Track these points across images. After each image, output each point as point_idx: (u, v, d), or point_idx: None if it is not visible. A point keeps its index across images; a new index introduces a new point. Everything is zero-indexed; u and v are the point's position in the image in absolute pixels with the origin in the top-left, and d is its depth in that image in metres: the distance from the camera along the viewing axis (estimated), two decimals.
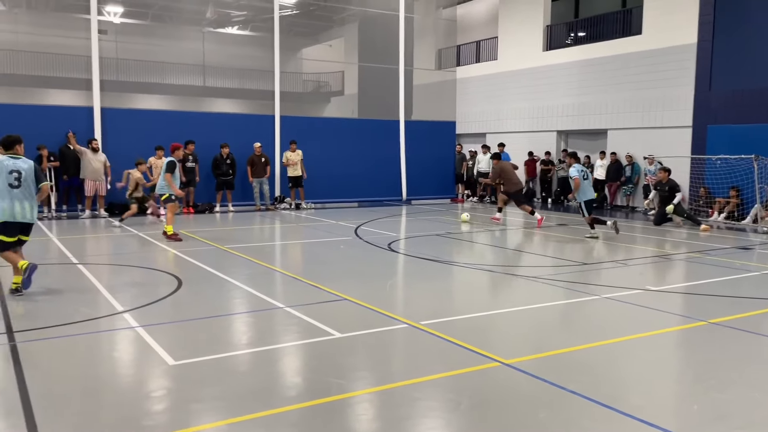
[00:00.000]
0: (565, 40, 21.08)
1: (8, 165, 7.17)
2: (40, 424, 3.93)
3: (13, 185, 7.12)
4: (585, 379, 4.77)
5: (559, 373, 4.85)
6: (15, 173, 7.15)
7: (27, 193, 7.21)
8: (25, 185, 7.19)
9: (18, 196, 7.14)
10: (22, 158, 7.35)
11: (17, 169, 7.18)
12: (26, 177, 7.20)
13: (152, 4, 27.36)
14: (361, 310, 6.72)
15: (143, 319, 6.26)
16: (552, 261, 10.07)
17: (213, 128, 17.46)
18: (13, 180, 7.13)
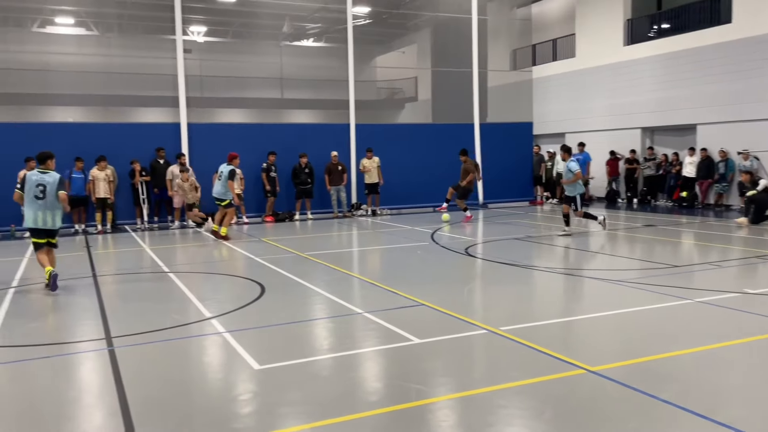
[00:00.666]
0: (648, 33, 20.22)
1: (35, 179, 8.25)
2: (137, 425, 4.15)
3: (38, 197, 8.21)
4: (678, 388, 4.53)
5: (649, 381, 4.64)
6: (41, 186, 8.20)
7: (50, 204, 8.24)
8: (50, 197, 8.22)
9: (42, 206, 8.23)
10: (50, 173, 8.35)
11: (43, 182, 8.24)
12: (50, 190, 8.22)
13: (232, 22, 28.49)
14: (439, 316, 6.69)
15: (229, 324, 6.49)
16: (640, 264, 9.66)
17: (291, 139, 17.93)
18: (39, 192, 8.20)
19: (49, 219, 8.31)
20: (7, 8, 24.72)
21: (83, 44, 28.22)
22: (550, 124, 22.94)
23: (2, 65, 24.63)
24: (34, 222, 8.28)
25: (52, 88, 27.17)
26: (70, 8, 25.53)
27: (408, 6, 25.44)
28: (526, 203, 20.65)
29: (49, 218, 8.31)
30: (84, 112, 27.66)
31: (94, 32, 28.54)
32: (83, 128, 17.90)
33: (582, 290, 8.11)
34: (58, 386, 4.96)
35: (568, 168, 12.51)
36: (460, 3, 21.11)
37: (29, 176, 8.36)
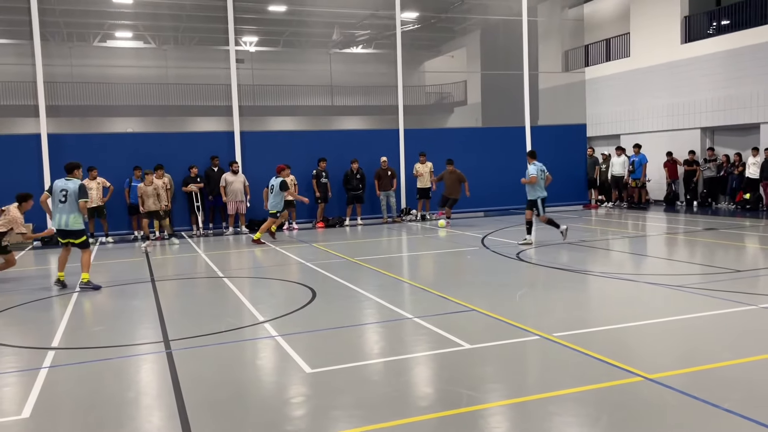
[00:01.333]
0: (707, 30, 19.53)
1: (60, 185, 9.22)
2: (194, 427, 4.26)
3: (61, 201, 9.13)
4: (741, 396, 4.34)
5: (711, 390, 4.46)
6: (63, 191, 9.12)
7: (70, 208, 9.09)
8: (70, 201, 9.09)
9: (63, 210, 9.11)
10: (73, 180, 9.25)
11: (66, 188, 9.15)
12: (70, 195, 9.08)
13: (283, 31, 29.01)
14: (490, 321, 6.61)
15: (282, 328, 6.59)
16: (700, 268, 9.32)
17: (341, 145, 18.09)
18: (62, 197, 9.12)
19: (64, 220, 9.11)
20: (70, 24, 25.89)
21: (141, 57, 29.28)
22: (604, 126, 22.41)
23: (67, 79, 25.81)
24: (57, 224, 9.22)
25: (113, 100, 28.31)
26: (129, 22, 26.54)
27: (457, 10, 25.32)
28: (580, 207, 20.21)
29: (64, 219, 9.11)
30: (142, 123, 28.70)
31: (151, 45, 29.58)
32: (142, 138, 18.59)
33: (639, 296, 7.87)
34: (118, 388, 5.14)
35: (528, 172, 12.38)
36: (510, 5, 20.89)
37: (55, 183, 9.32)
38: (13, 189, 14.80)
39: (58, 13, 22.63)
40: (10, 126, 24.97)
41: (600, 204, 20.55)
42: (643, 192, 19.68)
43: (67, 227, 9.15)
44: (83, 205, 9.17)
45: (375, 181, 17.60)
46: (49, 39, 22.73)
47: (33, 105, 16.56)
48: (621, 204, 19.84)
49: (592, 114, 22.45)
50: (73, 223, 9.14)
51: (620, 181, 19.75)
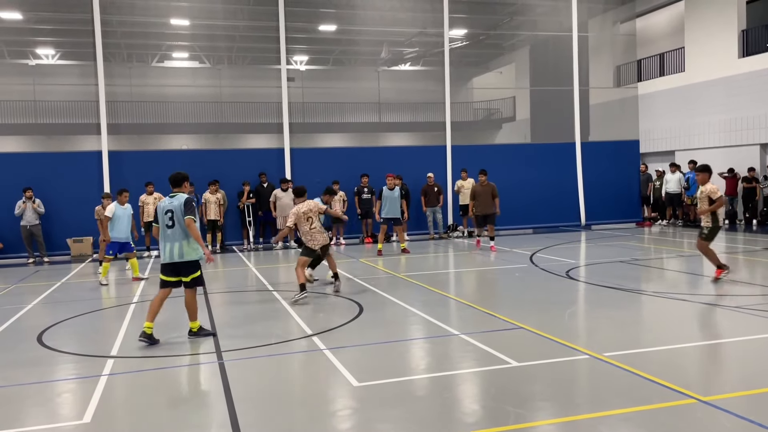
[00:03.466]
0: (766, 43, 18.91)
1: (164, 206, 6.97)
2: None
3: (168, 225, 6.90)
4: None
5: None
6: (169, 213, 6.90)
7: (178, 233, 6.86)
8: (178, 224, 6.86)
9: (172, 236, 6.89)
10: (178, 196, 6.99)
11: (171, 208, 6.90)
12: (177, 215, 6.85)
13: (332, 50, 29.56)
14: (538, 339, 6.54)
15: (330, 342, 6.68)
16: (761, 290, 8.97)
17: (389, 161, 18.22)
18: (168, 220, 6.90)
19: (177, 250, 6.88)
20: (131, 45, 27.05)
21: (197, 76, 30.31)
22: (657, 142, 21.88)
23: (126, 98, 26.93)
24: (163, 256, 7.02)
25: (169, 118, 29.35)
26: (186, 43, 27.55)
27: (505, 26, 25.32)
28: (632, 224, 19.74)
29: (176, 249, 6.88)
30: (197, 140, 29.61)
31: (206, 65, 30.59)
32: (196, 155, 19.18)
33: (694, 316, 7.64)
34: (173, 396, 5.31)
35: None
36: (561, 21, 20.76)
37: (159, 204, 7.15)
38: (75, 204, 15.63)
39: (120, 35, 23.71)
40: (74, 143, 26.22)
41: (654, 222, 20.02)
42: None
43: (181, 258, 6.86)
44: (190, 224, 6.81)
45: (421, 197, 17.64)
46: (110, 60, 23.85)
47: (95, 123, 17.36)
48: (676, 222, 19.28)
49: (645, 130, 21.97)
50: (188, 253, 6.87)
51: (675, 198, 19.22)
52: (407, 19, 22.62)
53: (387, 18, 23.07)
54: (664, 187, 19.50)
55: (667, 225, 19.26)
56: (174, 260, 6.89)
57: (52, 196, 15.51)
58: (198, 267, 7.03)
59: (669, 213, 19.59)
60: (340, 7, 22.62)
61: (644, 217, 20.40)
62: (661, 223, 19.66)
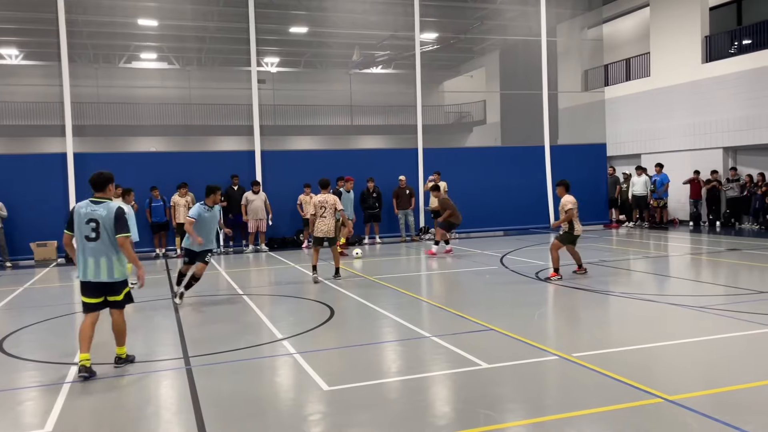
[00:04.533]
0: (728, 49, 19.42)
1: (85, 213, 5.84)
2: None
3: (89, 237, 5.82)
4: (764, 420, 4.27)
5: (732, 412, 4.40)
6: (93, 223, 5.81)
7: (104, 248, 5.82)
8: (105, 237, 5.82)
9: (92, 251, 5.81)
10: (105, 204, 5.90)
11: (95, 218, 5.81)
12: (105, 228, 5.81)
13: (304, 53, 29.47)
14: (508, 341, 6.58)
15: (300, 346, 6.63)
16: (724, 290, 9.18)
17: (360, 164, 18.21)
18: (90, 231, 5.81)
19: (104, 268, 5.86)
20: (97, 46, 26.57)
21: (165, 78, 29.90)
22: (624, 145, 22.29)
23: (93, 99, 26.42)
24: (83, 273, 5.90)
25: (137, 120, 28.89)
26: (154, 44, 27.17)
27: (476, 30, 25.54)
28: (600, 226, 20.05)
29: (104, 267, 5.85)
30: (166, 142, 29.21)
31: (175, 66, 30.20)
32: (165, 157, 18.91)
33: (660, 316, 7.78)
34: (139, 403, 5.20)
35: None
36: (530, 26, 21.01)
37: (76, 209, 5.94)
38: (39, 207, 15.25)
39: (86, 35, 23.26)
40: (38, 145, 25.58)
41: (621, 223, 20.36)
42: (664, 212, 19.50)
43: (111, 278, 5.90)
44: (124, 243, 5.84)
45: (393, 200, 17.66)
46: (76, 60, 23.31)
47: (60, 125, 16.98)
48: (642, 224, 19.65)
49: (612, 133, 22.36)
50: (119, 271, 5.94)
51: (641, 200, 19.59)
52: (378, 22, 22.66)
53: (358, 21, 23.08)
54: (630, 190, 19.86)
55: (634, 227, 19.62)
56: (100, 279, 5.85)
57: (14, 199, 15.09)
58: (126, 284, 6.11)
59: (635, 215, 19.95)
60: (311, 9, 22.56)
61: (612, 219, 20.74)
62: (628, 224, 20.01)
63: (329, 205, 10.73)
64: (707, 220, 19.20)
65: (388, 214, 17.87)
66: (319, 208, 10.74)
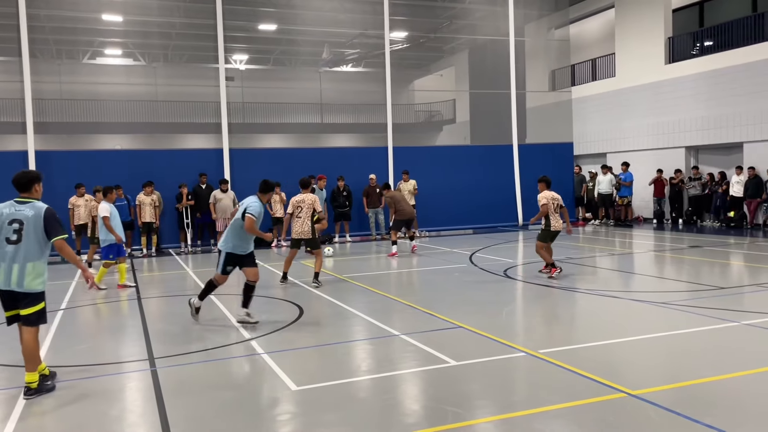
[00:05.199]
0: (691, 50, 19.89)
1: (8, 213, 5.31)
2: None
3: (11, 240, 5.24)
4: (723, 413, 4.39)
5: (694, 406, 4.51)
6: (16, 224, 5.27)
7: (24, 252, 5.23)
8: (28, 241, 5.25)
9: (9, 255, 5.22)
10: (32, 204, 5.39)
11: (21, 218, 5.28)
12: (30, 230, 5.26)
13: (273, 50, 29.24)
14: (477, 338, 6.64)
15: (268, 346, 6.58)
16: (685, 286, 9.40)
17: (330, 162, 18.16)
18: (12, 233, 5.25)
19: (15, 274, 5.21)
20: (60, 41, 25.93)
21: (131, 74, 29.36)
22: (591, 144, 22.67)
23: (55, 96, 25.78)
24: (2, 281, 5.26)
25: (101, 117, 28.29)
26: (119, 40, 26.62)
27: (445, 30, 25.67)
28: None
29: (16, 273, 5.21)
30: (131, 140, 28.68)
31: (141, 62, 29.67)
32: (131, 155, 18.55)
33: (625, 313, 7.93)
34: (103, 406, 5.10)
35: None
36: (498, 26, 21.19)
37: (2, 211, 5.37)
38: None
39: (48, 30, 22.70)
40: None
41: (587, 221, 20.70)
42: (629, 210, 19.89)
43: (20, 288, 5.22)
44: (62, 246, 5.28)
45: (363, 199, 17.66)
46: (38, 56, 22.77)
47: (21, 122, 16.53)
48: (608, 221, 20.00)
49: (578, 133, 22.72)
50: (31, 282, 5.23)
51: (607, 199, 19.94)
52: (348, 20, 22.61)
53: (328, 19, 23.00)
54: (596, 188, 20.21)
55: (600, 224, 19.96)
56: (9, 287, 5.21)
57: None
58: (42, 298, 5.36)
59: (601, 213, 20.30)
60: (280, 6, 22.38)
61: (578, 217, 21.07)
62: (594, 222, 20.36)
63: (306, 205, 10.33)
64: (670, 217, 19.65)
65: (359, 213, 17.87)
66: (295, 207, 10.42)
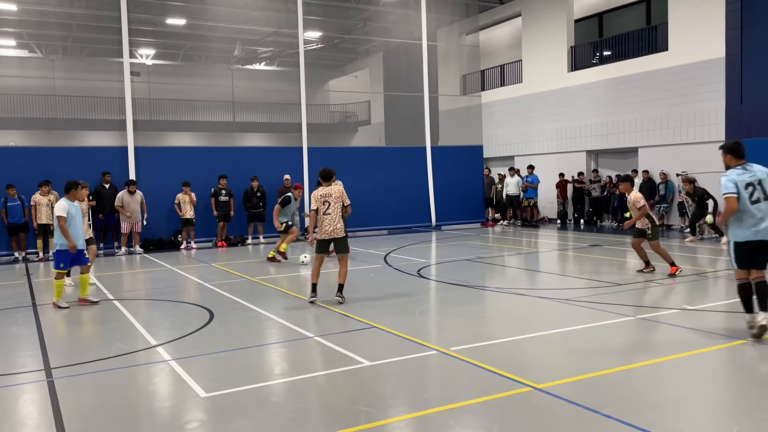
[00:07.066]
0: (591, 59, 21.01)
1: None
2: None
3: None
4: (621, 403, 4.65)
5: (594, 397, 4.75)
6: None
7: None
8: None
9: None
10: None
11: None
12: None
13: (182, 45, 28.26)
14: (390, 338, 6.69)
15: (176, 352, 6.34)
16: (586, 283, 9.91)
17: (243, 162, 17.78)
18: None
19: None
20: None
21: (26, 66, 27.53)
22: (499, 147, 23.47)
23: None
24: None
25: None
26: (13, 30, 24.86)
27: (359, 31, 25.78)
28: (478, 225, 20.96)
29: None
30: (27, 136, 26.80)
31: (37, 54, 27.86)
32: (26, 152, 17.33)
33: (531, 309, 8.26)
34: None
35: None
36: (411, 29, 21.52)
37: None
38: None
39: None
40: None
41: (496, 222, 21.42)
42: (535, 211, 20.77)
43: None
44: None
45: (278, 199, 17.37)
46: None
47: None
48: (515, 222, 20.78)
49: (488, 136, 23.46)
50: None
51: (515, 200, 20.71)
52: (261, 17, 22.24)
53: (240, 15, 22.50)
54: (504, 190, 20.95)
55: (508, 225, 20.71)
56: None
57: None
58: None
59: (509, 214, 21.07)
60: (189, 0, 21.68)
61: (488, 217, 21.76)
62: (503, 223, 21.09)
63: (334, 198, 8.55)
64: (573, 218, 20.68)
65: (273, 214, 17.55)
66: (321, 203, 8.59)
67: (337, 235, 8.62)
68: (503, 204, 21.22)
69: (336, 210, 8.56)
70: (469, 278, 10.36)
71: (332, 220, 8.57)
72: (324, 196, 8.61)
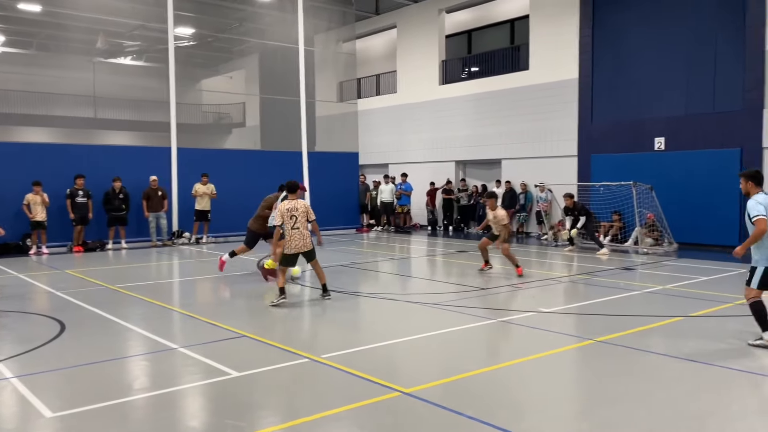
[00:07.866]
0: (460, 74, 21.97)
1: None
2: None
3: None
4: (482, 404, 4.86)
5: (457, 399, 4.92)
6: None
7: None
8: None
9: None
10: None
11: None
12: None
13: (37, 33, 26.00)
14: (260, 347, 6.54)
15: (19, 368, 5.77)
16: (453, 287, 10.30)
17: (104, 161, 16.62)
18: None
19: None
20: None
21: None
22: (374, 155, 23.86)
23: None
24: None
25: None
26: None
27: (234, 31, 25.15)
28: (353, 230, 21.14)
29: None
30: None
31: None
32: None
33: (401, 314, 8.43)
34: None
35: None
36: (288, 33, 21.31)
37: None
38: None
39: None
40: None
41: (371, 228, 21.73)
42: (408, 217, 21.33)
43: None
44: None
45: (144, 202, 16.45)
46: None
47: None
48: (389, 228, 21.20)
49: (364, 143, 23.78)
50: None
51: (389, 207, 21.14)
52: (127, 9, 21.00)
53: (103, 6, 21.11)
54: (379, 197, 21.32)
55: (382, 231, 21.08)
56: None
57: None
58: None
59: (383, 220, 21.47)
60: None
61: (362, 223, 22.02)
62: (377, 229, 21.44)
63: (300, 213, 8.73)
64: (442, 225, 21.47)
65: (137, 217, 16.58)
66: (288, 217, 8.66)
67: (306, 248, 8.93)
68: (377, 210, 21.57)
69: (303, 224, 8.83)
70: (342, 284, 10.39)
71: (301, 234, 8.81)
72: (290, 210, 8.77)
